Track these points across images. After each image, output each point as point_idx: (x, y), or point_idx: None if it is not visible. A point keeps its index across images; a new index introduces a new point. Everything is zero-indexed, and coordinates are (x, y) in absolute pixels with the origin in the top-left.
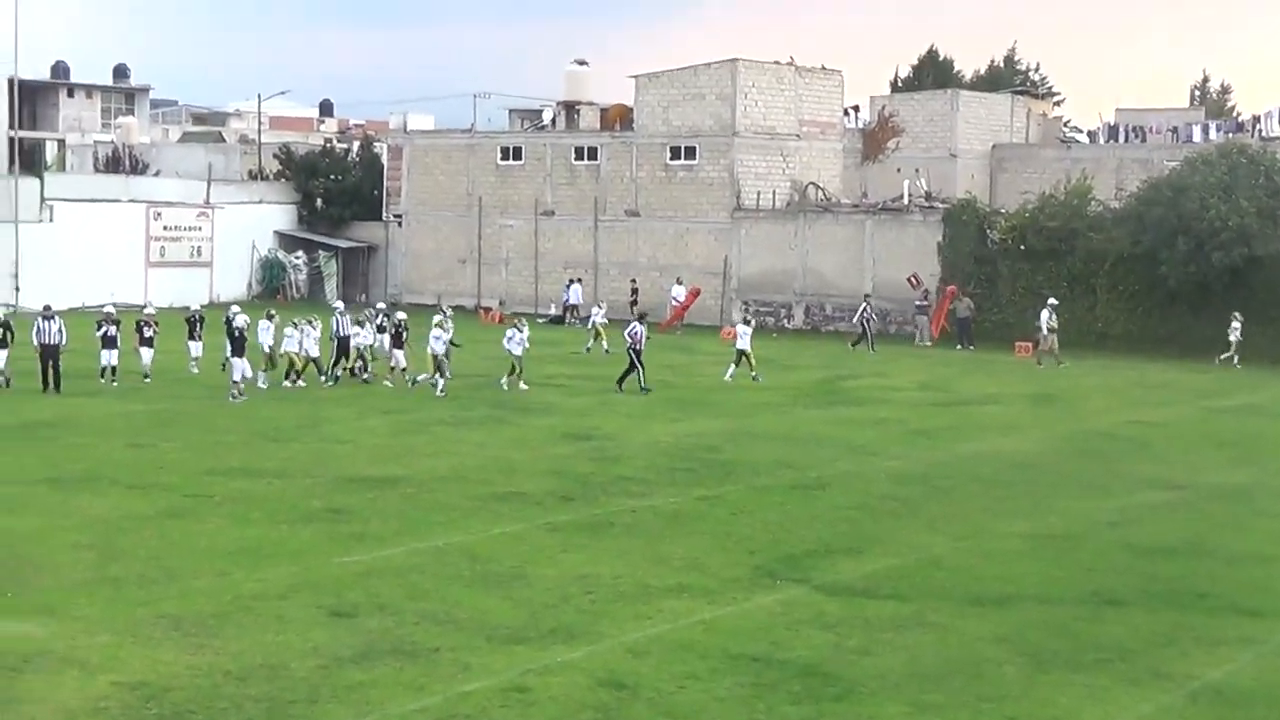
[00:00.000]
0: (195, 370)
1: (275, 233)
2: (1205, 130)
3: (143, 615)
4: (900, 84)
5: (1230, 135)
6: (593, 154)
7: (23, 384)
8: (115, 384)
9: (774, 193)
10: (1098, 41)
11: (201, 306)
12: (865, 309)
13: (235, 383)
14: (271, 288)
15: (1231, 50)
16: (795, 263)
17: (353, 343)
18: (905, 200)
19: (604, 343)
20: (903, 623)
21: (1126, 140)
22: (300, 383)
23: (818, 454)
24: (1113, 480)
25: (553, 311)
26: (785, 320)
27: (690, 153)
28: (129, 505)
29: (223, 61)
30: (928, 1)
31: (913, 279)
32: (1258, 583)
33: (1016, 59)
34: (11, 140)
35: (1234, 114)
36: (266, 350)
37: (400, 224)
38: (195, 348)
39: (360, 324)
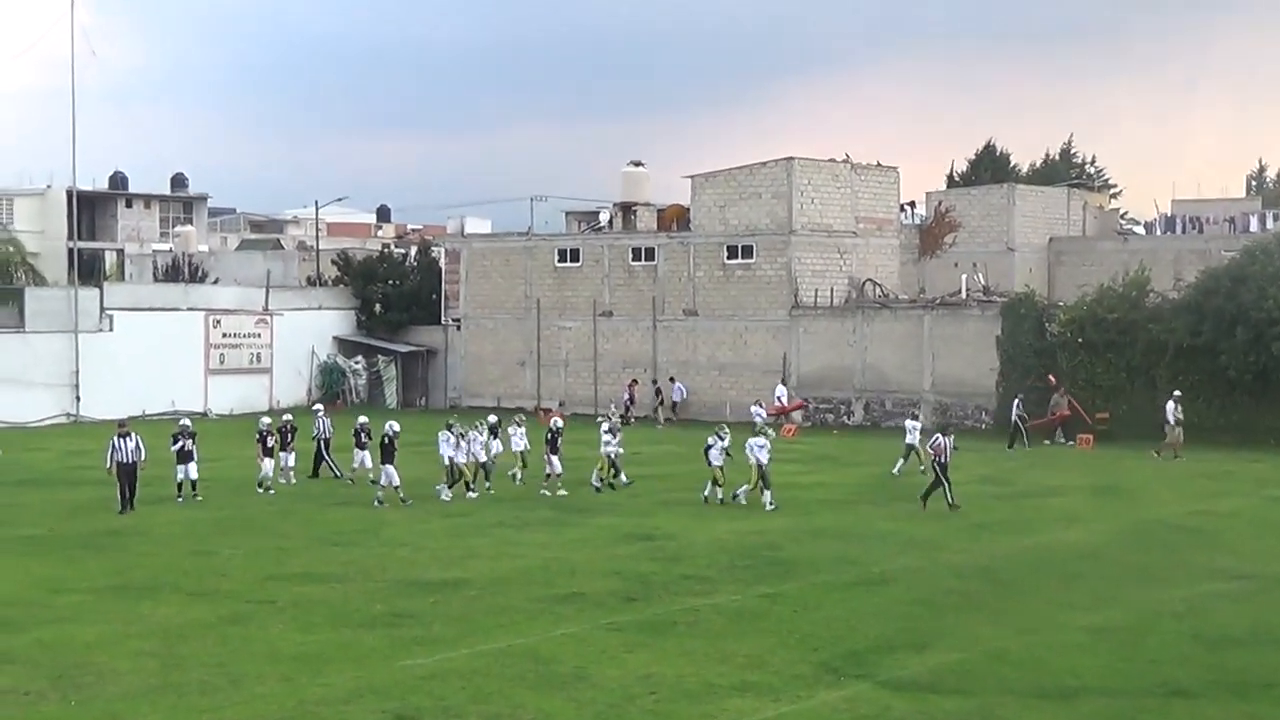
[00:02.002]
0: (292, 481)
1: (334, 338)
2: (1262, 219)
3: None
4: (957, 179)
5: None
6: (650, 254)
7: (89, 494)
8: (198, 498)
9: (832, 290)
10: (1153, 132)
11: (293, 415)
12: (1018, 406)
13: (395, 488)
14: (331, 393)
15: None
16: (854, 359)
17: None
18: (963, 295)
19: (622, 476)
20: (968, 718)
21: (1184, 231)
22: (471, 493)
23: (879, 549)
24: (1177, 570)
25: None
26: (845, 417)
27: (747, 251)
28: (192, 612)
29: (280, 169)
30: (983, 96)
31: (1051, 378)
32: None
33: (1073, 151)
34: (71, 251)
35: None
36: (446, 462)
37: (459, 327)
38: (288, 458)
39: (494, 433)
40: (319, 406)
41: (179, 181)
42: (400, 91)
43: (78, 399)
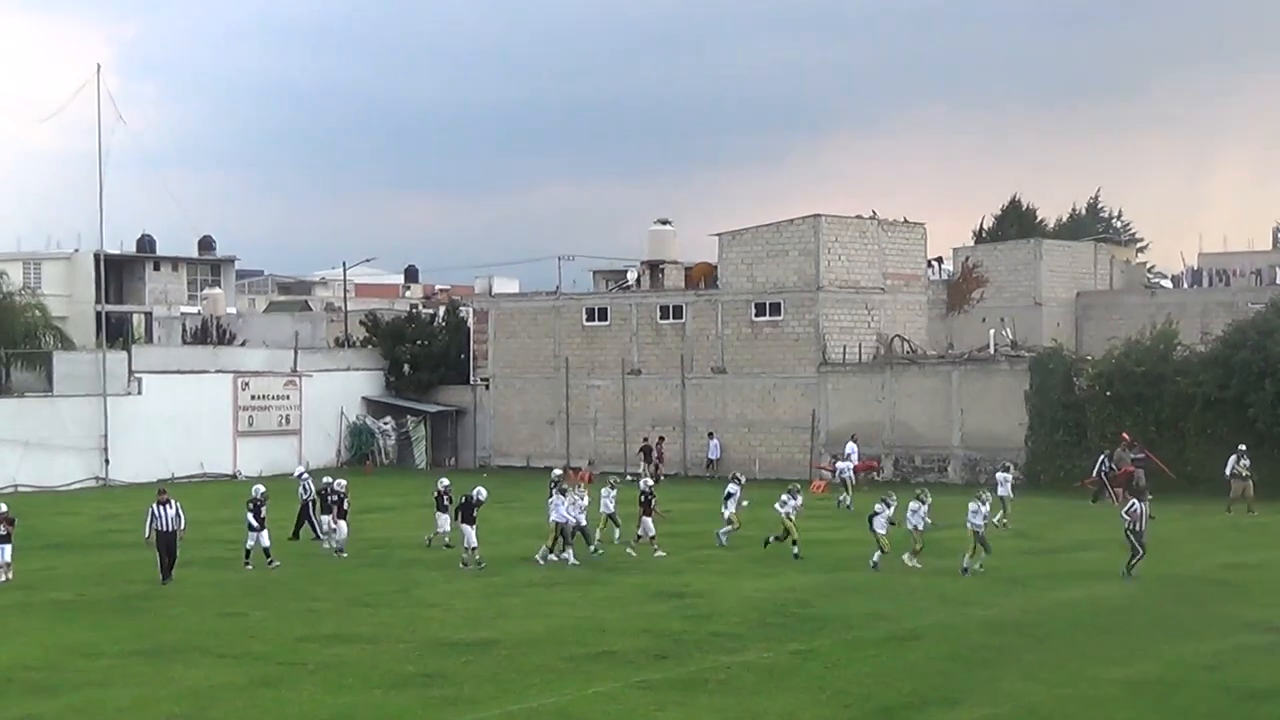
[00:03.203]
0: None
1: (363, 399)
2: None
3: None
4: (984, 234)
5: None
6: (678, 313)
7: (119, 558)
8: (274, 565)
9: (860, 346)
10: (1179, 185)
11: (332, 479)
12: (1103, 461)
13: (469, 550)
14: (360, 454)
15: None
16: (883, 415)
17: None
18: (991, 350)
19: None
20: None
21: (1210, 284)
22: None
23: (910, 605)
24: (1208, 624)
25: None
26: (875, 473)
27: (775, 309)
28: (222, 674)
29: (307, 230)
30: (1009, 152)
31: (1125, 435)
32: None
33: (1099, 205)
34: (99, 314)
35: None
36: (553, 523)
37: (488, 387)
38: (339, 523)
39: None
40: (301, 469)
41: (206, 244)
42: (427, 152)
43: (106, 462)
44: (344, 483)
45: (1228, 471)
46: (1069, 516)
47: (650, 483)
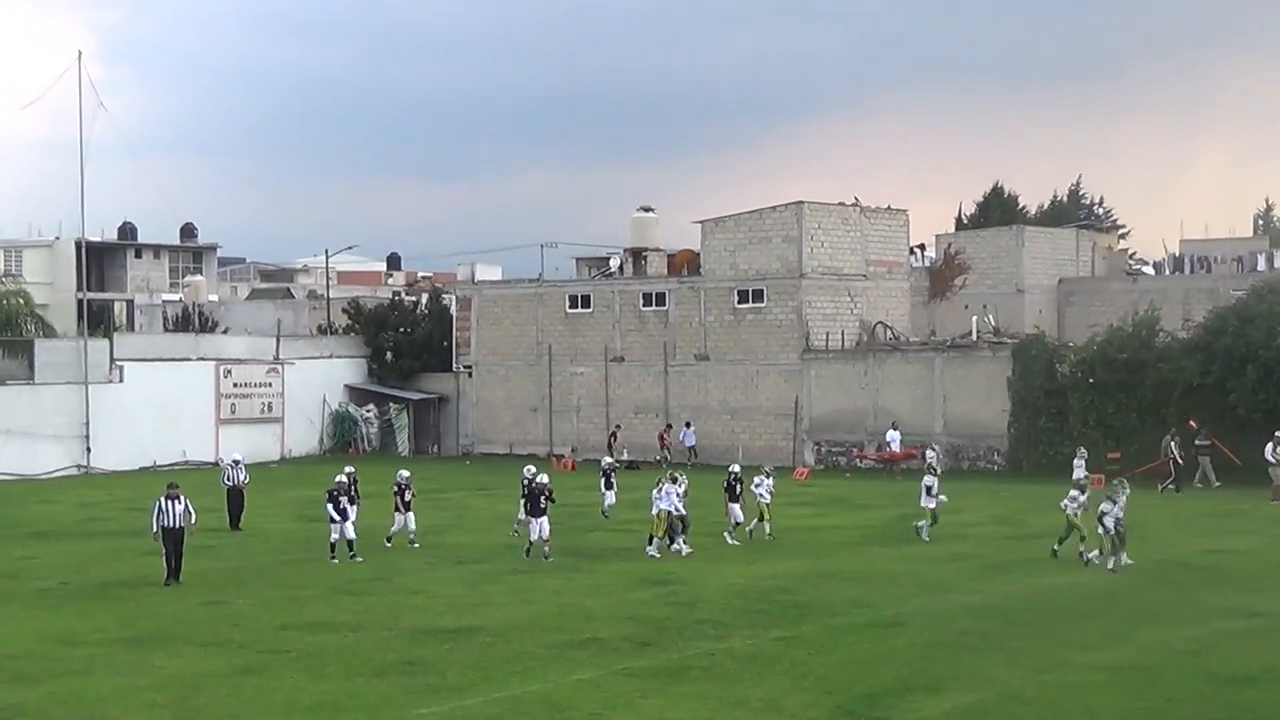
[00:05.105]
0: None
1: (346, 386)
2: (1270, 258)
3: None
4: (966, 221)
5: None
6: (661, 300)
7: (102, 546)
8: (358, 559)
9: (843, 333)
10: (1161, 173)
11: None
12: (1172, 445)
13: (535, 543)
14: (343, 442)
15: None
16: (865, 402)
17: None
18: (973, 337)
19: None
20: None
21: (1192, 271)
22: (675, 545)
23: (893, 592)
24: (1190, 609)
25: (626, 456)
26: (857, 459)
27: (758, 295)
28: (205, 663)
29: (290, 218)
30: (992, 138)
31: (1192, 422)
32: None
33: (1081, 192)
34: (80, 302)
35: None
36: (657, 512)
37: (470, 374)
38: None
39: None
40: (238, 456)
41: (188, 231)
42: (410, 139)
43: (88, 450)
44: (406, 474)
45: (1271, 458)
46: (1051, 503)
47: (610, 460)
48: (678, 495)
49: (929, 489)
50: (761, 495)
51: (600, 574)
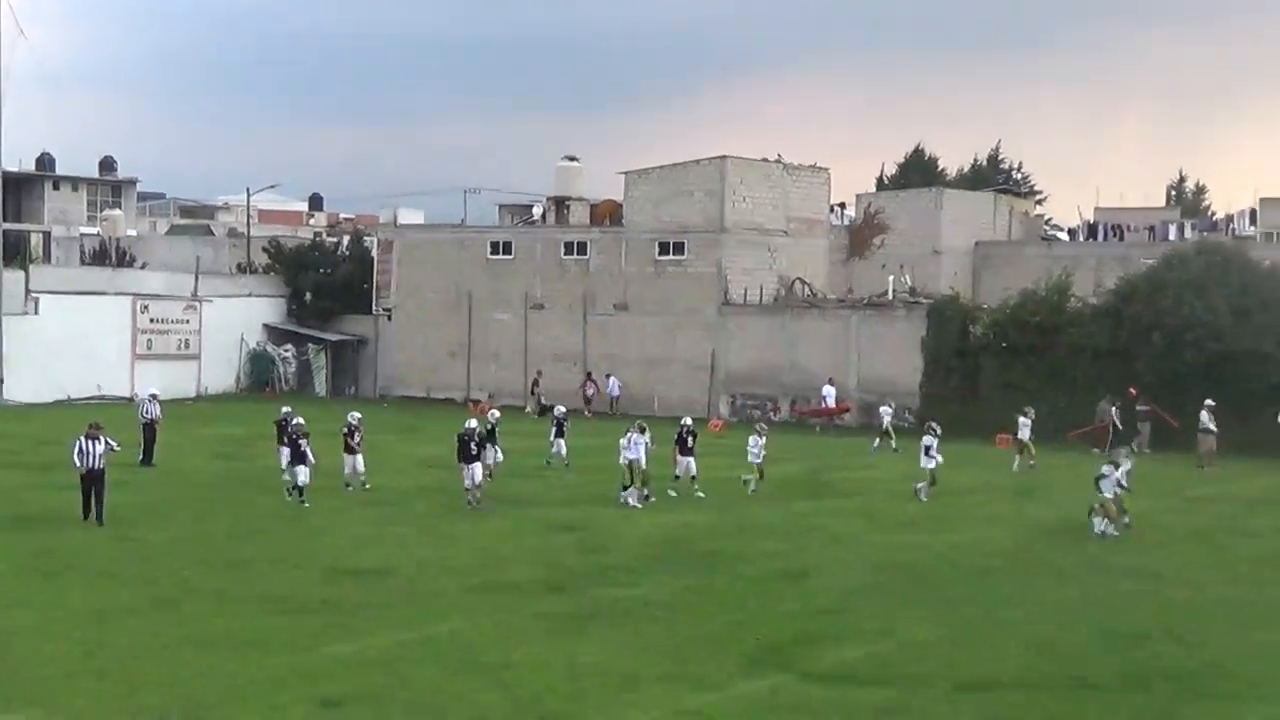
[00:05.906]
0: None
1: (264, 326)
2: (1181, 229)
3: (131, 707)
4: (886, 181)
5: (1205, 234)
6: (582, 249)
7: (14, 479)
8: (305, 504)
9: (761, 288)
10: (1078, 141)
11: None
12: (1111, 411)
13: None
14: (260, 381)
15: (1206, 151)
16: (782, 357)
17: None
18: (890, 296)
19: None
20: (887, 709)
21: (1105, 238)
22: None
23: (803, 544)
24: (1091, 569)
25: (543, 402)
26: (771, 413)
27: (679, 248)
28: (116, 597)
29: (211, 155)
30: (914, 101)
31: (1132, 389)
32: (1229, 666)
33: (1000, 157)
34: None
35: (1209, 213)
36: (627, 463)
37: (390, 317)
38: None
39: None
40: (155, 391)
41: (107, 165)
42: (335, 82)
43: (1, 382)
44: (358, 415)
45: (1208, 427)
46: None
47: (563, 409)
48: (645, 446)
49: (928, 449)
50: (754, 457)
51: (514, 519)
